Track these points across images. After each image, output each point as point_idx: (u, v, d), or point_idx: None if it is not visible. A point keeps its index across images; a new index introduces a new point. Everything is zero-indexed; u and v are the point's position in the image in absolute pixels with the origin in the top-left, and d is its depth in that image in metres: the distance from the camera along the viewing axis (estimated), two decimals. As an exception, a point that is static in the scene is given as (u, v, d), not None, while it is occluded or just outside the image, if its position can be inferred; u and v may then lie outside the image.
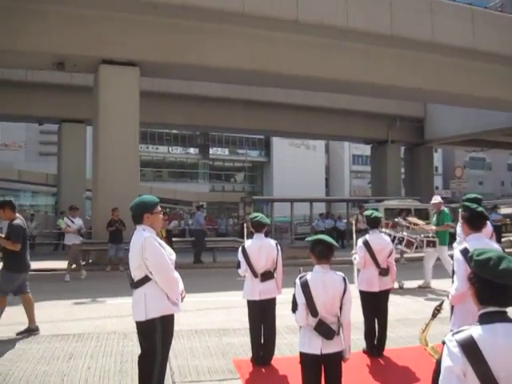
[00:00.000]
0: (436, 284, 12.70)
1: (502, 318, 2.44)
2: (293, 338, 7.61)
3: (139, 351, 5.02)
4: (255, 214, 6.88)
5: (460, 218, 5.14)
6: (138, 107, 19.33)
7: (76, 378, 6.11)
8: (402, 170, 38.62)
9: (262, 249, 6.59)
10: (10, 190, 37.20)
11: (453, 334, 2.43)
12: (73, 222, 15.74)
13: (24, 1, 17.39)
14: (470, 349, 2.34)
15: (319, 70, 20.80)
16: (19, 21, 17.71)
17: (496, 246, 4.92)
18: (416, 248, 12.71)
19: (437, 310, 3.12)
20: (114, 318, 9.39)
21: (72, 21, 18.10)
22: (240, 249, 6.71)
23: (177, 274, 4.95)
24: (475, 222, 4.86)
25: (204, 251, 19.49)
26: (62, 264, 17.74)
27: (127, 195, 17.58)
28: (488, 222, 6.84)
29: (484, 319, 2.45)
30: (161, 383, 4.97)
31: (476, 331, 2.40)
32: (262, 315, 6.63)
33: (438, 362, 2.47)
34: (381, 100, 30.37)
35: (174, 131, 57.08)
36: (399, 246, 12.57)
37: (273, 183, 57.67)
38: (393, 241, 11.78)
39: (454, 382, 2.34)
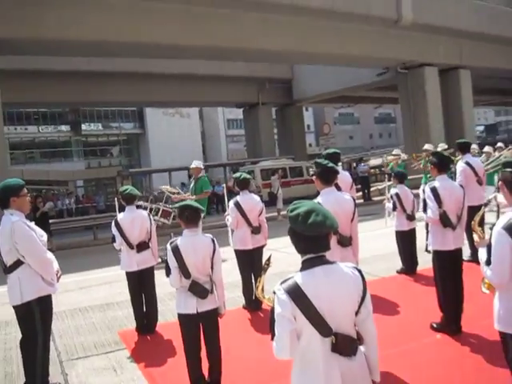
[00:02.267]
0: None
1: (320, 261, 2.75)
2: (175, 304, 7.83)
3: (21, 337, 5.05)
4: (125, 187, 6.99)
5: (313, 175, 5.45)
6: (-2, 87, 18.38)
7: (-43, 372, 6.01)
8: (275, 131, 39.49)
9: (134, 221, 6.73)
10: None
11: (280, 283, 2.72)
12: None
13: None
14: (295, 294, 2.64)
15: (188, 38, 20.62)
16: None
17: (347, 197, 5.30)
18: (174, 218, 11.63)
19: (266, 265, 3.35)
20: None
21: None
22: (113, 223, 6.81)
23: (50, 255, 4.98)
24: (326, 177, 5.17)
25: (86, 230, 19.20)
26: None
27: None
28: (347, 174, 7.37)
29: (305, 265, 2.75)
30: (46, 363, 5.04)
31: (299, 277, 2.70)
32: (141, 285, 6.79)
33: (272, 310, 2.75)
34: (250, 64, 30.74)
35: (43, 109, 54.64)
36: (156, 217, 11.45)
37: (150, 155, 56.96)
38: (150, 212, 11.26)
39: (286, 325, 2.63)
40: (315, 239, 2.72)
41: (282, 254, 11.55)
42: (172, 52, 23.14)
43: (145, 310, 6.84)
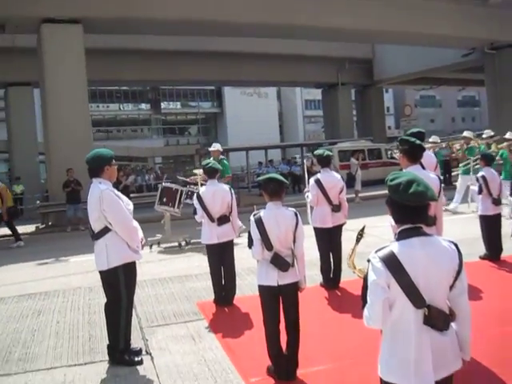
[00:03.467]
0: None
1: (417, 232, 2.72)
2: (253, 279, 7.89)
3: (105, 301, 5.23)
4: (207, 161, 7.09)
5: (399, 152, 5.39)
6: (85, 65, 18.97)
7: (46, 333, 6.31)
8: (354, 112, 38.96)
9: (216, 194, 6.82)
10: (-41, 159, 36.27)
11: (376, 252, 2.70)
12: None
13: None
14: (391, 262, 2.62)
15: (266, 16, 20.64)
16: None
17: (432, 175, 5.20)
18: None
19: (359, 235, 3.34)
20: (78, 275, 9.56)
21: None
22: (195, 195, 6.93)
23: (135, 223, 5.13)
24: (413, 154, 5.12)
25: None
26: (22, 229, 17.70)
27: (80, 155, 17.39)
28: (432, 155, 7.18)
29: (402, 235, 2.73)
30: (128, 328, 5.21)
31: (396, 246, 2.68)
32: (221, 257, 6.90)
33: (365, 278, 2.75)
34: (329, 43, 30.34)
35: (124, 88, 56.08)
36: (188, 201, 11.68)
37: (227, 133, 57.50)
38: (186, 195, 11.72)
39: (379, 293, 2.62)
40: (414, 209, 2.70)
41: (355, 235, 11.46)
42: (251, 30, 23.12)
43: (223, 282, 6.95)
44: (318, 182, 7.30)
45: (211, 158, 12.88)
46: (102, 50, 25.19)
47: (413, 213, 2.71)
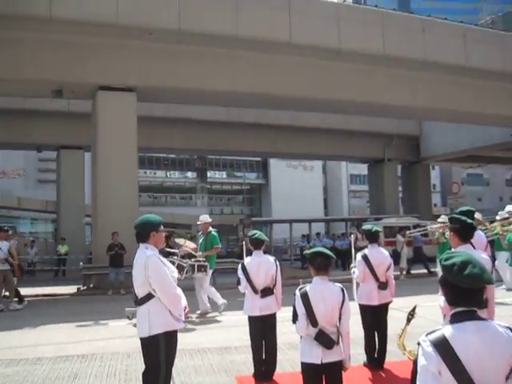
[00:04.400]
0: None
1: (471, 316, 2.56)
2: (294, 354, 7.68)
3: (143, 369, 5.11)
4: (254, 232, 7.03)
5: (449, 230, 5.28)
6: (136, 132, 19.50)
7: (81, 398, 6.20)
8: (400, 188, 38.76)
9: (261, 265, 6.73)
10: (10, 217, 37.28)
11: (426, 335, 2.55)
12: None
13: (22, 30, 17.64)
14: (442, 347, 2.46)
15: (316, 91, 21.02)
16: (18, 50, 17.98)
17: (484, 256, 5.05)
18: (186, 273, 11.35)
19: (410, 315, 3.23)
20: (116, 339, 9.48)
21: (70, 48, 18.36)
22: (240, 266, 6.85)
23: (179, 291, 5.07)
24: (464, 233, 5.02)
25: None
26: (63, 289, 17.84)
27: (126, 220, 17.76)
28: (482, 234, 6.99)
29: (454, 319, 2.58)
30: (165, 398, 5.06)
31: (448, 330, 2.52)
32: (262, 331, 6.73)
33: (415, 362, 2.59)
34: (377, 119, 30.67)
35: (172, 156, 57.36)
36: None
37: (271, 205, 57.78)
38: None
39: (429, 380, 2.46)
40: (469, 292, 2.56)
41: (404, 314, 11.12)
42: (300, 105, 23.56)
43: (264, 356, 6.76)
44: (365, 257, 7.15)
45: (199, 233, 12.97)
46: (153, 118, 26.01)
47: (467, 295, 2.57)
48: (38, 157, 54.57)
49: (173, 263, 10.96)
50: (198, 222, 12.40)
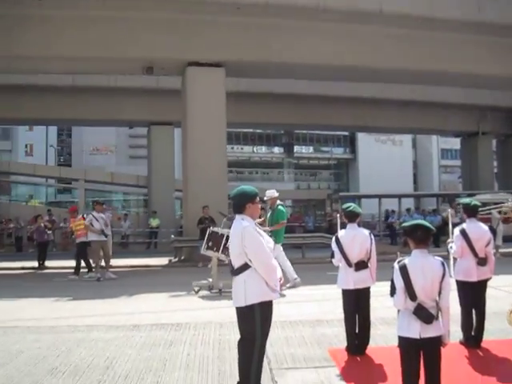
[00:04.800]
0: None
1: None
2: (386, 330, 7.61)
3: (236, 340, 5.18)
4: (348, 204, 6.93)
5: None
6: (225, 108, 19.69)
7: (177, 364, 6.37)
8: (495, 164, 37.17)
9: (355, 238, 6.64)
10: (103, 191, 38.76)
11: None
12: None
13: (113, 9, 18.09)
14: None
15: (407, 62, 20.36)
16: (110, 28, 18.50)
17: None
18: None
19: None
20: (209, 310, 9.72)
21: (160, 25, 18.71)
22: (334, 239, 6.79)
23: (275, 262, 5.09)
24: None
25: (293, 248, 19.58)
26: (155, 261, 18.38)
27: (216, 194, 18.12)
28: None
29: None
30: (259, 368, 5.11)
31: None
32: (356, 304, 6.66)
33: None
34: (472, 90, 29.34)
35: (259, 131, 57.60)
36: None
37: (359, 180, 57.06)
38: (217, 239, 11.35)
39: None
40: None
41: (502, 293, 10.72)
42: (390, 76, 22.95)
43: (357, 330, 6.70)
44: (463, 232, 6.90)
45: (268, 208, 12.89)
46: (240, 93, 26.00)
47: None
48: (128, 133, 56.29)
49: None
50: (265, 198, 12.26)
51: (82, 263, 15.63)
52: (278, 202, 12.46)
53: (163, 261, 18.59)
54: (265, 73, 22.35)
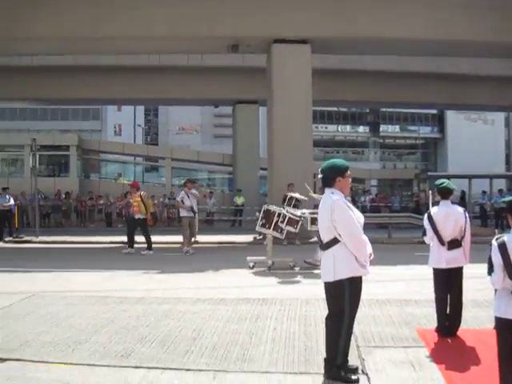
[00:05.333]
0: None
1: None
2: (478, 312, 7.37)
3: (322, 316, 5.13)
4: (442, 180, 6.67)
5: None
6: (311, 85, 19.48)
7: (263, 337, 6.40)
8: None
9: (448, 216, 6.38)
10: (189, 169, 39.49)
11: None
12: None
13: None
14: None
15: (506, 35, 19.33)
16: (196, 7, 18.67)
17: None
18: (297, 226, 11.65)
19: None
20: (295, 285, 9.78)
21: (245, 3, 18.70)
22: (426, 216, 6.56)
23: (365, 237, 4.97)
24: None
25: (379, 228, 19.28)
26: (240, 238, 18.54)
27: (301, 173, 18.04)
28: None
29: None
30: (347, 343, 5.04)
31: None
32: (448, 284, 6.43)
33: None
34: None
35: (343, 109, 56.83)
36: (282, 225, 11.60)
37: (447, 160, 55.20)
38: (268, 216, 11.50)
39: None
40: None
41: None
42: (481, 51, 21.90)
43: (448, 311, 6.48)
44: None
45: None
46: (325, 71, 25.57)
47: None
48: (213, 113, 57.03)
49: (284, 217, 11.62)
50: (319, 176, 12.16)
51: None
52: None
53: (248, 238, 18.74)
54: (352, 49, 21.86)
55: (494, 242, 4.31)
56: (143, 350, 5.92)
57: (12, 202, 20.82)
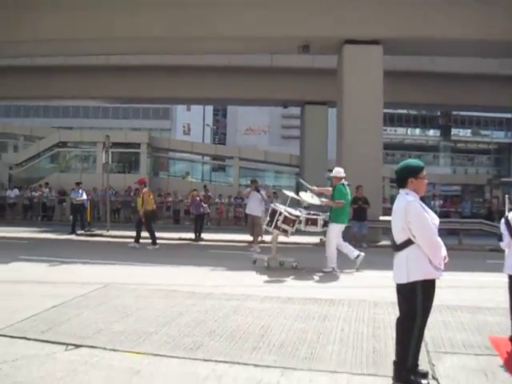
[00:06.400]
0: None
1: None
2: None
3: (391, 320, 5.07)
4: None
5: None
6: (382, 87, 19.23)
7: (331, 337, 6.37)
8: None
9: (526, 220, 6.17)
10: (256, 170, 39.70)
11: None
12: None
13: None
14: None
15: None
16: (267, 8, 18.79)
17: None
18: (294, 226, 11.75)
19: None
20: (364, 288, 9.69)
21: (316, 3, 18.66)
22: (503, 220, 6.34)
23: (440, 240, 4.88)
24: None
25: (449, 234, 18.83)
26: (306, 239, 18.48)
27: (371, 175, 17.90)
28: None
29: None
30: (418, 347, 4.96)
31: None
32: (525, 291, 6.22)
33: None
34: None
35: (413, 112, 55.85)
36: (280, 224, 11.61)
37: (523, 166, 53.48)
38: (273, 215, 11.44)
39: None
40: None
41: None
42: None
43: (522, 320, 6.26)
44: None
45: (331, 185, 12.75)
46: (396, 72, 25.20)
47: None
48: (281, 114, 57.12)
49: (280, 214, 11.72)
50: (332, 174, 12.37)
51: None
52: (343, 181, 12.27)
53: (315, 239, 18.67)
54: (425, 50, 21.42)
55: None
56: (212, 344, 6.01)
57: (84, 196, 21.55)
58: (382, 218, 18.04)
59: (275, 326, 6.78)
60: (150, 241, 16.47)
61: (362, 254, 12.01)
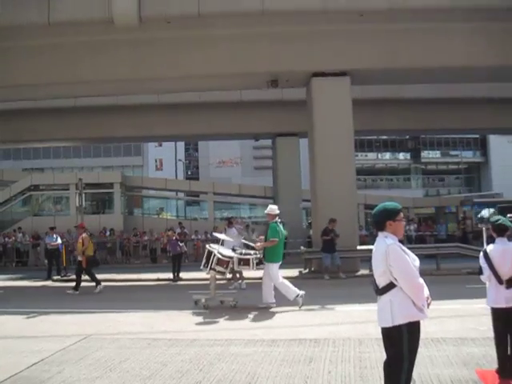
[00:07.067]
0: None
1: None
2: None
3: (377, 358, 5.03)
4: (497, 217, 6.52)
5: None
6: (352, 116, 19.47)
7: (319, 382, 6.28)
8: None
9: (505, 253, 6.18)
10: (230, 203, 39.68)
11: None
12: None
13: (234, 26, 18.56)
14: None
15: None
16: (234, 45, 19.00)
17: None
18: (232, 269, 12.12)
19: None
20: (346, 325, 9.58)
21: (283, 39, 18.90)
22: (481, 254, 6.38)
23: (422, 280, 4.87)
24: None
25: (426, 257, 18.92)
26: (285, 272, 18.38)
27: (346, 204, 18.00)
28: None
29: None
30: (407, 390, 4.91)
31: None
32: (508, 323, 6.22)
33: None
34: None
35: (383, 137, 56.57)
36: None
37: (492, 184, 54.18)
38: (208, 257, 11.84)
39: None
40: None
41: None
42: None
43: (509, 352, 6.26)
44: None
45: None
46: (365, 100, 25.59)
47: None
48: (252, 145, 57.29)
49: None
50: (265, 211, 12.51)
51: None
52: (277, 219, 12.32)
53: (294, 272, 18.61)
54: (392, 79, 21.87)
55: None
56: (199, 397, 5.89)
57: (59, 241, 21.29)
58: (359, 247, 18.11)
59: (261, 373, 6.66)
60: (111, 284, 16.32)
61: (302, 292, 11.73)
